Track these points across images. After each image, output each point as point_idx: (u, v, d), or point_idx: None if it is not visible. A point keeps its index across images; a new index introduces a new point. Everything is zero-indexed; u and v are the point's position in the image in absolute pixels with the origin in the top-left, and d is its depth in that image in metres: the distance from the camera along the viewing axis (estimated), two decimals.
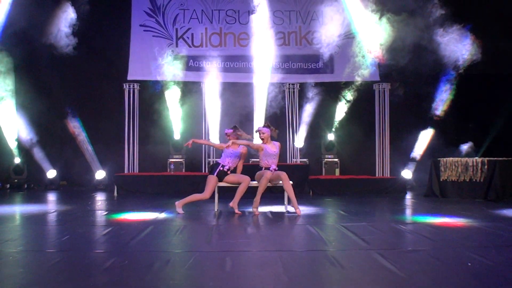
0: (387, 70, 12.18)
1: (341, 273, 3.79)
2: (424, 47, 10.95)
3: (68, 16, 11.56)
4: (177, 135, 12.43)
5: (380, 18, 11.41)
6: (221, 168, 7.26)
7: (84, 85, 12.61)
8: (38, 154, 12.08)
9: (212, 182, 7.22)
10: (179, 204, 7.29)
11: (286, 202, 7.58)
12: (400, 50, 11.02)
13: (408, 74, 11.58)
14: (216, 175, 7.23)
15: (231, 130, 7.48)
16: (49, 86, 12.49)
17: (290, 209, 7.46)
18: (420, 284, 3.53)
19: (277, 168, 7.41)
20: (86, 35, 12.04)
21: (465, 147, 9.36)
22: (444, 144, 11.90)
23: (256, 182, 7.42)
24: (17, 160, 11.92)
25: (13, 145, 11.92)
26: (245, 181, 7.25)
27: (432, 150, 11.95)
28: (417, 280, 3.62)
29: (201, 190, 7.32)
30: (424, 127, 12.34)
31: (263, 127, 7.47)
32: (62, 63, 12.32)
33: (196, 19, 12.90)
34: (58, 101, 12.44)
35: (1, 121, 11.73)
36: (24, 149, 12.04)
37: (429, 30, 11.43)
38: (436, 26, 11.45)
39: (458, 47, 11.01)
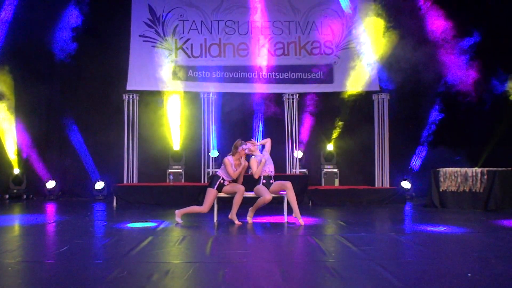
0: (387, 81, 12.26)
1: (340, 284, 3.79)
2: (423, 60, 11.04)
3: (69, 24, 11.70)
4: (176, 146, 12.45)
5: (380, 30, 11.52)
6: (221, 181, 7.27)
7: (84, 96, 12.66)
8: (37, 164, 12.09)
9: (211, 195, 7.22)
10: (178, 213, 7.33)
11: (285, 212, 7.58)
12: (399, 62, 11.11)
13: (407, 85, 11.66)
14: (216, 189, 7.24)
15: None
16: (49, 96, 12.54)
17: (291, 219, 7.46)
18: None
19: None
20: (85, 46, 12.11)
21: None
22: (444, 154, 11.93)
23: (252, 193, 7.41)
24: (16, 171, 11.92)
25: (12, 155, 11.93)
26: (240, 191, 7.25)
27: (432, 160, 11.97)
28: None
29: (200, 201, 7.33)
30: (424, 137, 12.40)
31: (245, 144, 7.34)
32: (62, 73, 12.40)
33: (195, 29, 12.96)
34: (58, 111, 12.48)
35: (1, 132, 11.75)
36: (23, 160, 12.04)
37: (429, 45, 11.56)
38: (436, 42, 11.59)
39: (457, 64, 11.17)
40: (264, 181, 7.28)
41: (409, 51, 11.02)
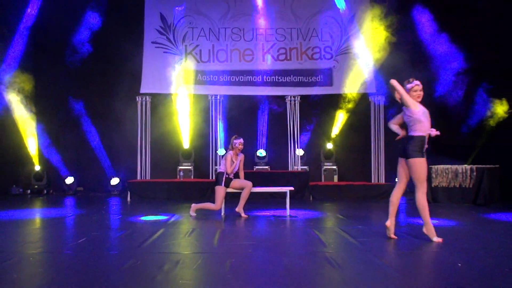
0: (383, 83, 12.21)
1: (339, 274, 3.79)
2: (417, 65, 10.95)
3: (87, 29, 11.79)
4: (186, 144, 12.45)
5: (377, 35, 11.46)
6: (227, 176, 7.27)
7: (100, 98, 12.63)
8: (57, 162, 12.13)
9: (221, 193, 7.22)
10: (193, 208, 7.38)
11: (288, 206, 7.59)
12: (395, 66, 11.04)
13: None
14: (224, 185, 7.23)
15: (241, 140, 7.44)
16: (67, 97, 12.52)
17: (293, 213, 7.46)
18: (414, 284, 3.53)
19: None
20: (101, 50, 12.13)
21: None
22: (436, 151, 11.87)
23: (259, 188, 7.46)
24: (37, 168, 11.97)
25: (33, 153, 11.98)
26: (248, 186, 7.29)
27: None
28: (411, 279, 3.62)
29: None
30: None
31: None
32: (79, 75, 12.38)
33: (204, 36, 12.95)
34: (75, 113, 12.46)
35: (23, 132, 11.80)
36: (44, 157, 12.08)
37: (423, 49, 11.50)
38: (431, 44, 11.51)
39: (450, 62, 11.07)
40: None
41: (404, 55, 10.96)
